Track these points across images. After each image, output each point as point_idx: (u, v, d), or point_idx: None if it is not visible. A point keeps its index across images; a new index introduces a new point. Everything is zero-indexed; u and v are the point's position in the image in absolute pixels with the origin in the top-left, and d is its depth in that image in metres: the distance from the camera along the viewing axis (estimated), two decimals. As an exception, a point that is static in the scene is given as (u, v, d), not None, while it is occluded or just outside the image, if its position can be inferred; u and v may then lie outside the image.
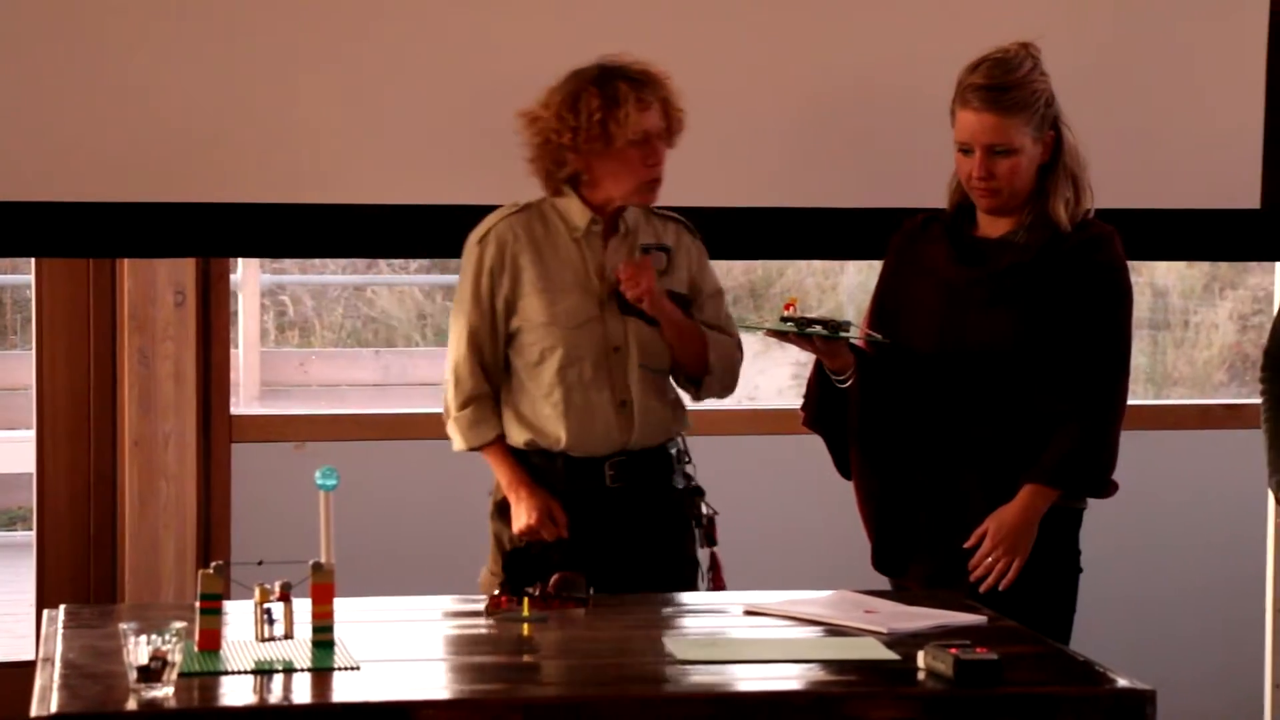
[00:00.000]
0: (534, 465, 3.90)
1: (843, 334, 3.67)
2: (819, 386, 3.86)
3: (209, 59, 4.23)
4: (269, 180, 4.27)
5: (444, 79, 4.30)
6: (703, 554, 3.95)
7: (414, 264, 7.60)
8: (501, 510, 3.92)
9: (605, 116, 3.78)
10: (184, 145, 4.24)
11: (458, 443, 3.95)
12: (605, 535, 3.87)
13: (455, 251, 4.00)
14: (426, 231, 4.36)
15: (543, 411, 3.87)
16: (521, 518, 3.85)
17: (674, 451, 3.95)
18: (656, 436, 3.90)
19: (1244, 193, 4.51)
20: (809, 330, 3.64)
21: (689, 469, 3.97)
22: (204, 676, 2.84)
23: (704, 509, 3.94)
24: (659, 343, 3.87)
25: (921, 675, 2.90)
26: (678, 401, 3.96)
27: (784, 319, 3.65)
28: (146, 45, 4.21)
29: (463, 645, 3.13)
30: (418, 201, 4.33)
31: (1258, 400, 3.87)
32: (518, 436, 3.90)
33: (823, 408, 3.87)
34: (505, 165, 4.28)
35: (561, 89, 3.83)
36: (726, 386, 3.95)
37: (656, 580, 3.80)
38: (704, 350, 3.88)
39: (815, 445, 3.96)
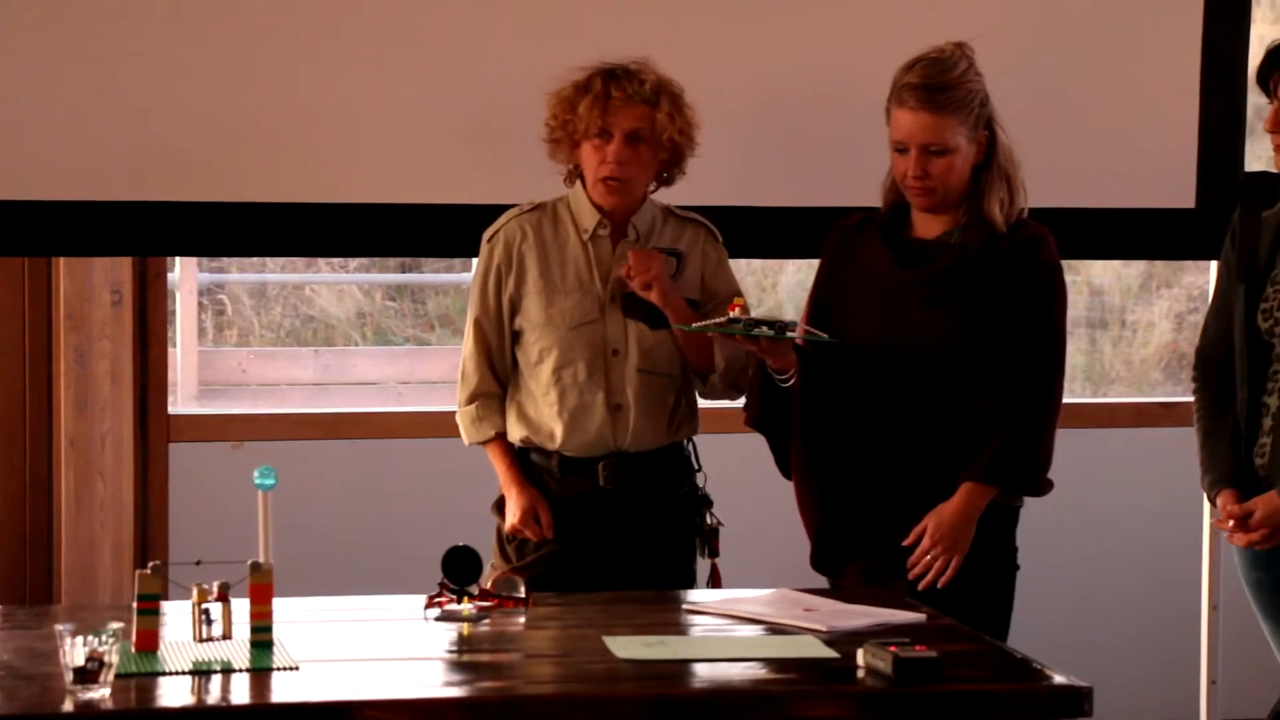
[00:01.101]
0: (532, 463, 3.94)
1: (790, 333, 3.68)
2: (761, 386, 3.87)
3: (144, 59, 4.21)
4: (207, 179, 4.24)
5: (387, 76, 4.28)
6: (703, 564, 3.96)
7: (353, 263, 7.56)
8: (500, 506, 3.97)
9: (572, 109, 3.82)
10: (120, 144, 4.22)
11: (463, 436, 4.00)
12: (601, 537, 3.89)
13: (396, 250, 3.99)
14: (368, 230, 4.35)
15: (541, 410, 3.91)
16: (509, 517, 3.90)
17: (678, 457, 3.96)
18: (652, 440, 3.91)
19: (1179, 192, 4.54)
20: (756, 331, 3.65)
21: (697, 478, 3.98)
22: (141, 677, 2.83)
23: (709, 519, 3.95)
24: (664, 347, 3.90)
25: (861, 673, 2.90)
26: (686, 408, 3.97)
27: (731, 319, 3.66)
28: (81, 44, 4.19)
29: (402, 645, 3.13)
30: (357, 200, 4.31)
31: (1192, 400, 3.89)
32: (516, 433, 3.95)
33: (765, 407, 3.88)
34: (450, 163, 4.29)
35: (562, 83, 3.88)
36: (735, 386, 3.95)
37: (648, 587, 3.81)
38: (711, 348, 3.88)
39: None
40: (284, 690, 2.82)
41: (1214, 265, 4.65)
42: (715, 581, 3.94)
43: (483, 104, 4.25)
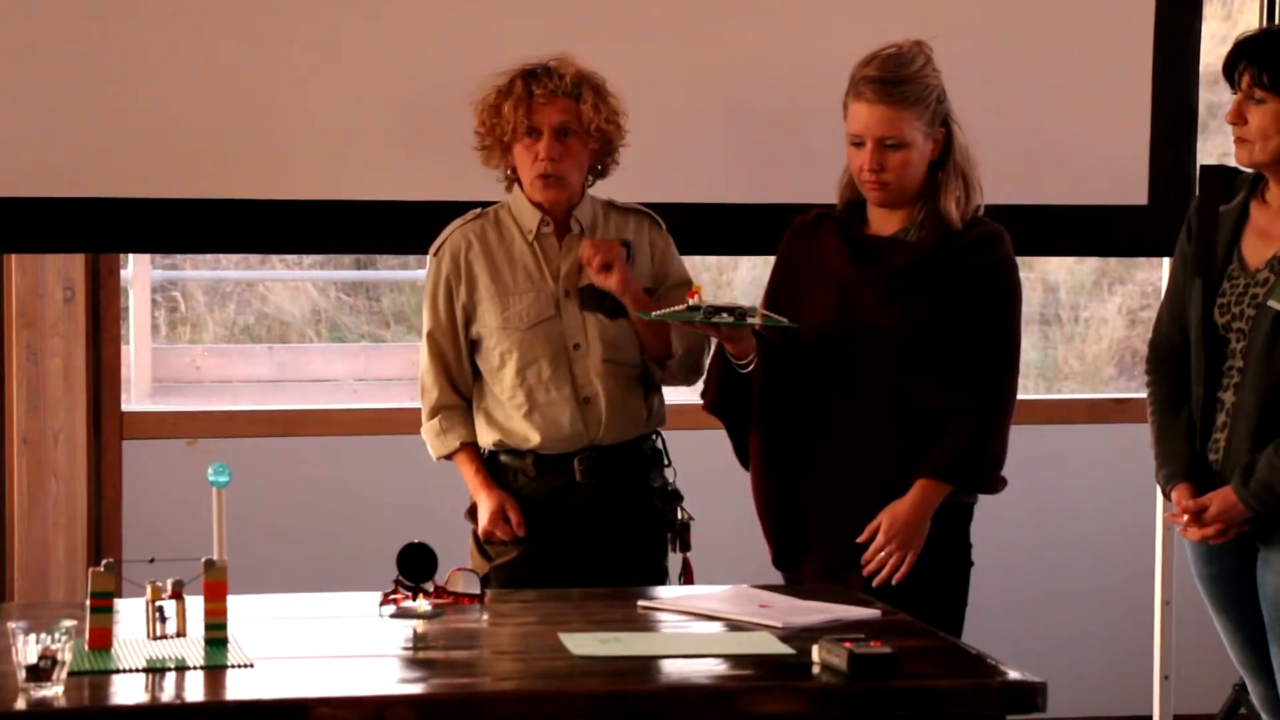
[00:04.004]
0: (504, 465, 3.93)
1: (750, 319, 3.68)
2: (721, 371, 3.87)
3: (96, 56, 4.19)
4: (161, 175, 4.23)
5: (341, 74, 4.27)
6: (675, 558, 3.96)
7: (307, 260, 7.56)
8: (472, 513, 3.97)
9: (498, 114, 3.84)
10: (73, 140, 4.20)
11: (430, 451, 4.00)
12: (576, 533, 3.90)
13: (351, 247, 3.98)
14: (322, 227, 4.34)
15: (510, 414, 3.91)
16: (481, 520, 3.91)
17: (649, 450, 3.97)
18: (626, 431, 3.92)
19: (1132, 189, 4.55)
20: (716, 319, 3.65)
21: (667, 472, 3.99)
22: (94, 675, 2.82)
23: (680, 514, 3.96)
24: (627, 335, 3.91)
25: (816, 669, 2.91)
26: (654, 398, 3.98)
27: (690, 307, 3.66)
28: (32, 38, 4.17)
29: (357, 642, 3.12)
30: (312, 197, 4.30)
31: (1145, 394, 3.91)
32: (487, 438, 3.95)
33: (724, 393, 3.88)
34: (405, 160, 4.29)
35: (484, 90, 3.90)
36: (692, 370, 3.97)
37: (621, 583, 3.81)
38: (668, 334, 3.89)
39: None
40: (238, 688, 2.81)
41: (1166, 262, 4.67)
42: (687, 576, 3.95)
43: (437, 102, 4.24)
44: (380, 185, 4.30)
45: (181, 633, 2.98)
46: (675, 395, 4.17)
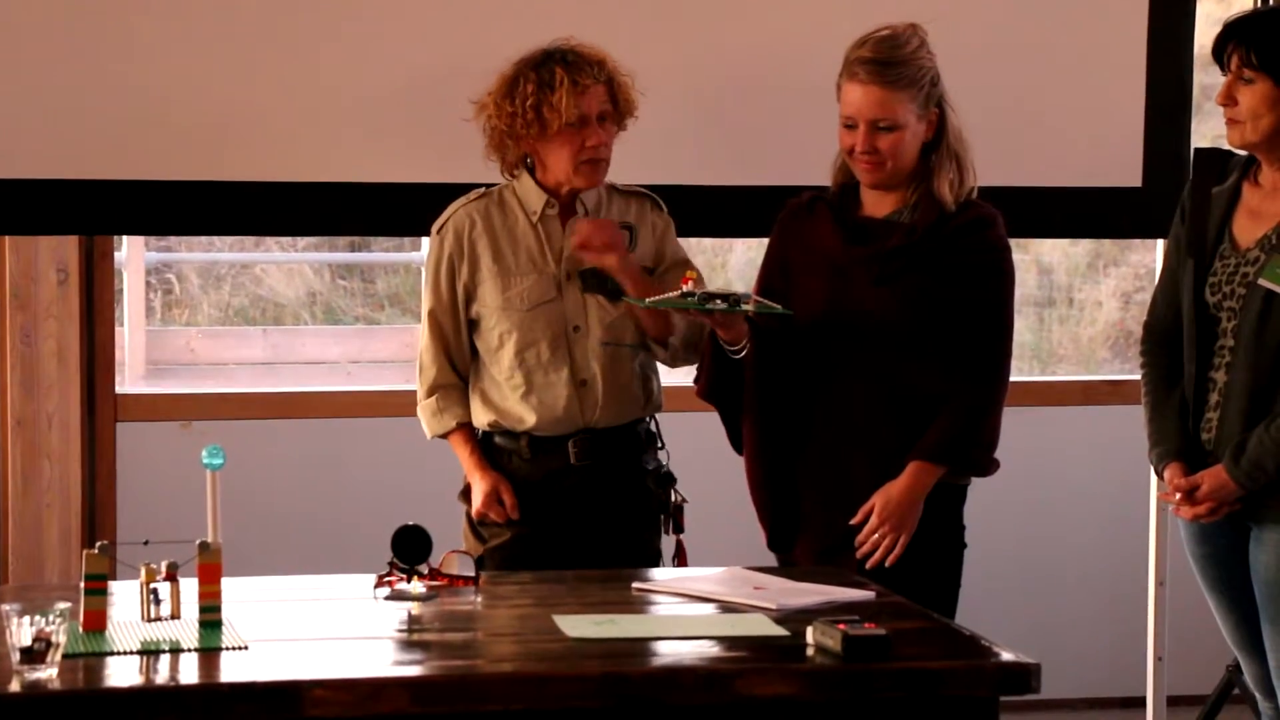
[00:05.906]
0: (498, 446, 3.93)
1: (744, 305, 3.68)
2: (713, 357, 3.87)
3: (89, 33, 4.18)
4: (155, 157, 4.23)
5: (336, 55, 4.27)
6: (669, 541, 3.97)
7: (302, 242, 7.55)
8: (466, 494, 3.97)
9: (539, 101, 3.82)
10: (67, 121, 4.19)
11: (425, 430, 4.00)
12: (570, 515, 3.90)
13: (345, 229, 3.98)
14: (317, 209, 4.34)
15: (506, 395, 3.91)
16: (475, 502, 3.91)
17: (643, 432, 3.97)
18: (622, 415, 3.93)
19: (1126, 171, 4.56)
20: (709, 305, 3.65)
21: (661, 455, 3.99)
22: (89, 657, 2.82)
23: (673, 496, 3.97)
24: (624, 319, 3.91)
25: (810, 651, 2.91)
26: (649, 381, 3.98)
27: (685, 293, 3.66)
28: (26, 20, 4.16)
29: (351, 624, 3.12)
30: (307, 179, 4.30)
31: (1140, 375, 3.91)
32: (482, 418, 3.95)
33: (717, 379, 3.89)
34: (400, 142, 4.29)
35: (503, 76, 3.88)
36: (695, 349, 3.97)
37: (615, 565, 3.81)
38: (668, 314, 3.89)
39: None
40: (232, 670, 2.81)
41: (1160, 244, 4.67)
42: (681, 558, 3.96)
43: (433, 83, 4.24)
44: (375, 167, 4.30)
45: (176, 615, 2.99)
46: (670, 378, 4.17)
